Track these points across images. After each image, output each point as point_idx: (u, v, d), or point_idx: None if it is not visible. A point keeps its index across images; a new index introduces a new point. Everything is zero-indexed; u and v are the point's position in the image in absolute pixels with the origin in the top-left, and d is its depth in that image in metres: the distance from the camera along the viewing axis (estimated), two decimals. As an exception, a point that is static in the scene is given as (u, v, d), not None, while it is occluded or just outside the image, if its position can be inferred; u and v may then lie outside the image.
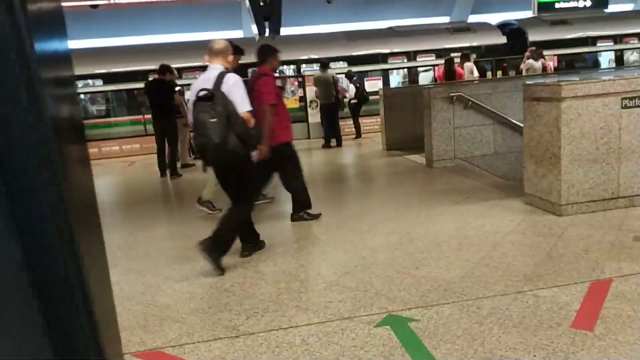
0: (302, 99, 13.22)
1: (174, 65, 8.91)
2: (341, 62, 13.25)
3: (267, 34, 10.23)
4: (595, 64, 14.59)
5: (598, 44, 14.49)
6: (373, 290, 3.20)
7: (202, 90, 3.54)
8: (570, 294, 2.93)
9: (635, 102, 4.33)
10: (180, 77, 11.84)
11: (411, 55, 13.51)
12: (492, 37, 14.10)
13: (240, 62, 5.04)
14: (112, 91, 13.10)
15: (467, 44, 13.65)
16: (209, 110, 3.47)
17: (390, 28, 14.24)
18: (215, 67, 3.69)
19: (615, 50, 14.53)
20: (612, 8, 12.58)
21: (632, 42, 14.52)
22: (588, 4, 11.10)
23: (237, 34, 15.53)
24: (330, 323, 2.83)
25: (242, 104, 3.57)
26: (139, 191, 8.08)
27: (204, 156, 3.67)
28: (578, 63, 14.53)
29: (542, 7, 10.95)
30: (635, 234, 3.80)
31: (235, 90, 3.56)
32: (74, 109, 2.07)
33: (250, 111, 3.63)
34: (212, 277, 3.72)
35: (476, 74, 11.43)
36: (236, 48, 3.95)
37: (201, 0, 10.65)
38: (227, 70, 3.68)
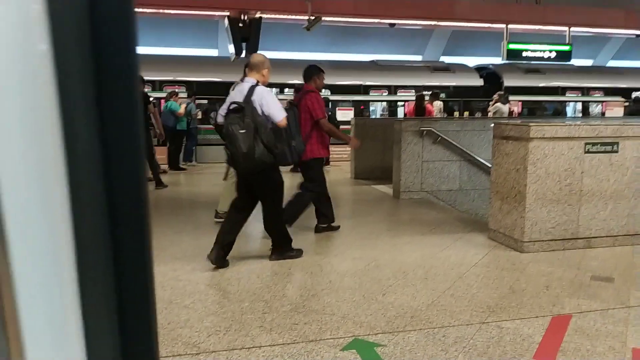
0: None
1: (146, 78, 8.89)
2: (324, 90, 13.43)
3: (243, 55, 10.28)
4: (563, 113, 15.44)
5: (567, 94, 15.37)
6: (339, 314, 3.17)
7: (233, 103, 3.85)
8: (532, 326, 2.98)
9: (597, 148, 4.53)
10: (161, 90, 11.75)
11: (392, 89, 13.88)
12: (470, 79, 14.72)
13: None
14: None
15: (446, 83, 14.17)
16: (238, 122, 3.75)
17: (373, 61, 14.64)
18: (249, 80, 4.00)
19: (582, 101, 15.43)
20: (573, 62, 13.34)
21: (597, 95, 15.49)
22: (553, 55, 11.68)
23: (212, 52, 15.54)
24: (295, 345, 2.78)
25: (279, 112, 3.91)
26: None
27: (234, 164, 3.94)
28: (546, 111, 15.32)
29: (510, 54, 11.44)
30: (593, 274, 3.93)
31: (269, 101, 3.88)
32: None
33: (286, 117, 3.96)
34: (172, 292, 3.61)
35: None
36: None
37: (178, 16, 10.63)
38: (257, 84, 3.95)
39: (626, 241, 4.72)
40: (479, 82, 14.69)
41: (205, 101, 13.68)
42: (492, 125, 5.06)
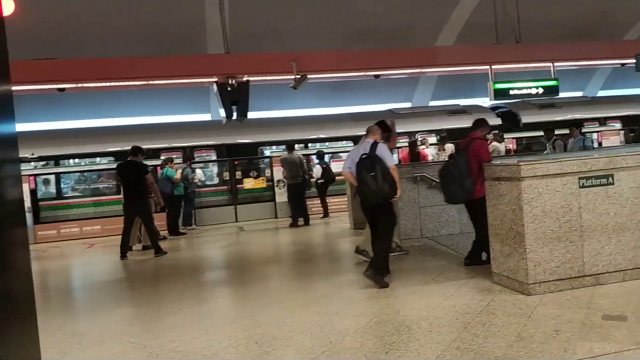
0: (270, 179, 13.47)
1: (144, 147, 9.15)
2: (345, 142, 14.18)
3: (234, 117, 10.42)
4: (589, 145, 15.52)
5: (584, 126, 15.53)
6: (341, 379, 3.01)
7: (363, 154, 5.20)
8: (545, 377, 2.81)
9: (592, 182, 4.46)
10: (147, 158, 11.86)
11: (412, 135, 14.10)
12: (488, 119, 14.88)
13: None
14: (73, 172, 13.17)
15: (464, 125, 14.27)
16: (368, 168, 5.07)
17: (390, 110, 15.02)
18: (369, 141, 5.37)
19: (598, 132, 15.55)
20: (562, 95, 13.47)
21: (612, 124, 15.70)
22: (540, 91, 11.80)
23: (206, 117, 15.80)
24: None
25: (391, 161, 5.23)
26: (97, 274, 7.70)
27: (364, 200, 5.22)
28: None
29: (497, 93, 11.55)
30: (604, 313, 3.77)
31: (386, 153, 5.24)
32: (17, 192, 1.97)
33: (396, 165, 5.28)
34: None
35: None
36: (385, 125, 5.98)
37: (169, 85, 10.90)
38: (376, 142, 5.34)
39: (636, 275, 4.56)
40: (497, 120, 14.89)
41: (202, 164, 13.83)
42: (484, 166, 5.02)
